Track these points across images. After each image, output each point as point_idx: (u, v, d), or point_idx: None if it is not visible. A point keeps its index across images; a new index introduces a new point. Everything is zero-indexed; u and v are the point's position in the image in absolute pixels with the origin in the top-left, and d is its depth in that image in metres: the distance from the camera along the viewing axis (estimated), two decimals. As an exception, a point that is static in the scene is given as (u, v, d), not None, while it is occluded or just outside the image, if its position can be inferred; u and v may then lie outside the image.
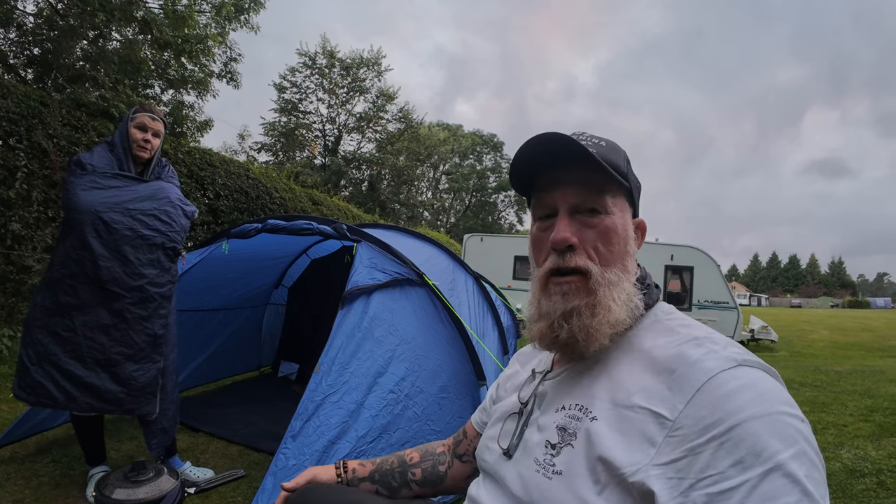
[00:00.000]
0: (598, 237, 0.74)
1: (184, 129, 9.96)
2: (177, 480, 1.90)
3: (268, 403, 3.65)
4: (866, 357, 9.16)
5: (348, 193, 23.62)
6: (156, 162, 2.30)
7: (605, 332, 0.71)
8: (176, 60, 8.43)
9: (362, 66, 23.01)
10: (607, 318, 0.71)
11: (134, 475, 1.82)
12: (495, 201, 38.03)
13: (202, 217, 5.90)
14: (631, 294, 0.75)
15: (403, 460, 1.07)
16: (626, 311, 0.73)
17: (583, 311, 0.72)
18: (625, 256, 0.76)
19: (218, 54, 9.47)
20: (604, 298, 0.72)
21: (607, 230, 0.74)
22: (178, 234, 2.24)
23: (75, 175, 2.09)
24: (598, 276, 0.73)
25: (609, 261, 0.74)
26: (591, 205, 0.75)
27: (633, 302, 0.74)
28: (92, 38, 7.61)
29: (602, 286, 0.72)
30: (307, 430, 1.95)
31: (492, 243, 11.88)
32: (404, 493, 1.04)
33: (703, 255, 10.02)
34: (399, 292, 2.51)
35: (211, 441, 2.92)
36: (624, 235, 0.76)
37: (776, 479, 0.51)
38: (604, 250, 0.74)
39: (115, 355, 2.05)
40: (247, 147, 23.08)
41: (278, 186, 7.74)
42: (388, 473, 1.05)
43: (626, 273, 0.76)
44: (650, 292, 0.80)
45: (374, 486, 1.04)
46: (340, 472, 1.04)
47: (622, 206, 0.78)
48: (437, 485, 1.05)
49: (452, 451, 1.08)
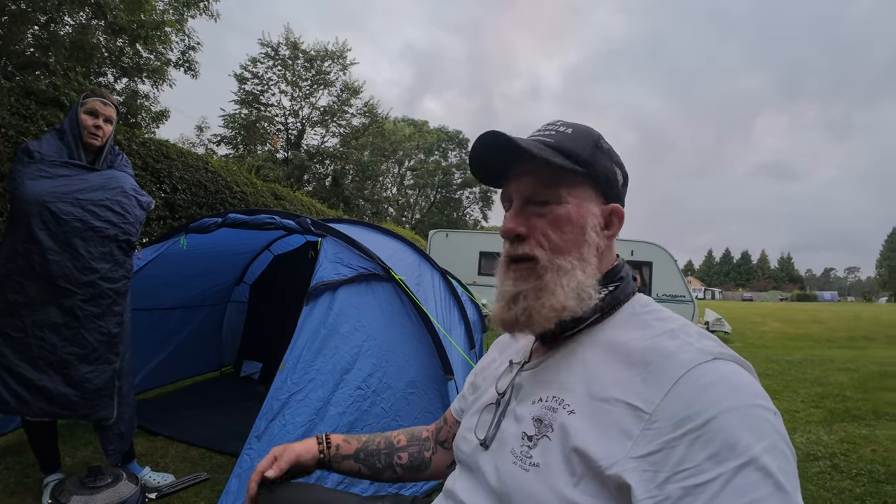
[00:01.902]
0: (548, 226, 0.76)
1: (138, 119, 9.52)
2: (136, 486, 1.82)
3: (230, 404, 3.55)
4: (815, 347, 9.67)
5: (311, 188, 23.21)
6: (108, 150, 2.18)
7: (547, 314, 0.73)
8: (131, 47, 8.05)
9: (327, 58, 22.61)
10: (550, 301, 0.73)
11: (91, 481, 1.74)
12: (460, 198, 38.20)
13: (158, 212, 5.65)
14: (584, 283, 0.74)
15: (391, 442, 1.06)
16: (575, 298, 0.73)
17: (529, 293, 0.75)
18: (580, 245, 0.76)
19: (175, 42, 9.10)
20: (550, 283, 0.74)
21: (558, 219, 0.76)
22: (133, 227, 2.12)
23: (23, 164, 1.97)
24: (545, 262, 0.75)
25: (561, 248, 0.75)
26: (542, 196, 0.77)
27: (586, 292, 0.74)
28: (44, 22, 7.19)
29: (549, 271, 0.74)
30: (272, 430, 1.91)
31: (457, 239, 11.93)
32: (387, 475, 1.03)
33: (661, 250, 10.34)
34: (365, 287, 2.48)
35: (170, 445, 2.82)
36: (580, 223, 0.76)
37: (750, 473, 0.52)
38: (555, 238, 0.75)
39: (68, 356, 1.94)
40: (205, 139, 22.35)
41: (239, 180, 7.52)
42: (374, 454, 1.03)
43: (581, 262, 0.75)
44: (623, 285, 0.80)
45: (357, 465, 1.02)
46: (323, 448, 1.01)
47: (581, 194, 0.77)
48: (421, 471, 1.05)
49: (435, 437, 1.08)
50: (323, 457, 1.00)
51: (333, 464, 1.01)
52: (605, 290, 0.77)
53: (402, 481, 1.05)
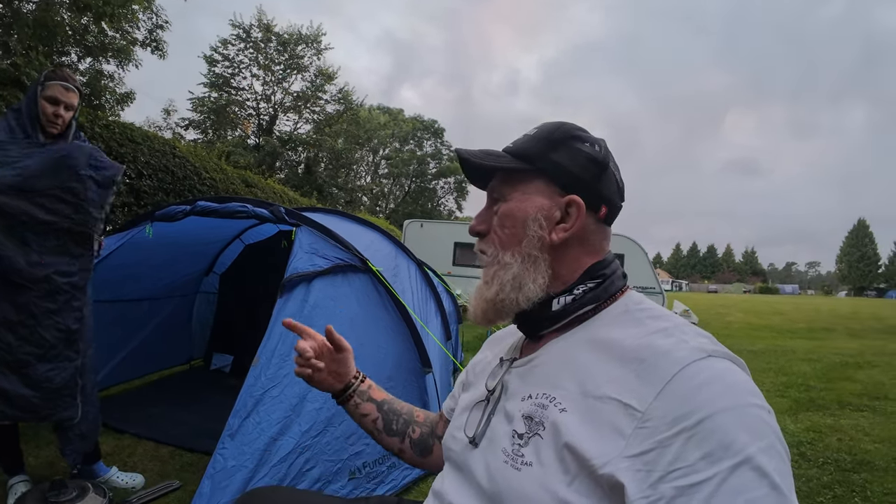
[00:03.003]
0: (497, 223, 0.81)
1: (102, 101, 9.13)
2: (104, 498, 1.72)
3: (200, 399, 3.45)
4: (777, 338, 10.00)
5: (284, 176, 22.75)
6: (72, 137, 2.04)
7: (483, 306, 0.80)
8: (96, 25, 7.68)
9: (300, 42, 22.11)
10: (485, 294, 0.79)
11: (54, 496, 1.62)
12: (435, 187, 38.08)
13: (122, 199, 5.39)
14: (520, 275, 0.77)
15: (412, 413, 1.08)
16: (513, 290, 0.76)
17: (480, 286, 0.81)
18: (521, 239, 0.78)
19: (143, 20, 8.72)
20: (491, 277, 0.79)
21: (501, 216, 0.81)
22: (89, 215, 1.94)
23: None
24: (490, 257, 0.81)
25: (505, 244, 0.79)
26: (493, 194, 0.84)
27: (526, 284, 0.76)
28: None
29: (492, 266, 0.80)
30: (246, 428, 1.84)
31: (432, 229, 11.86)
32: (395, 441, 1.04)
33: (633, 243, 10.51)
34: (341, 279, 2.42)
35: (138, 443, 2.71)
36: (521, 218, 0.78)
37: (745, 473, 0.51)
38: (500, 234, 0.80)
39: (25, 356, 1.82)
40: (173, 123, 21.64)
41: (208, 166, 7.26)
42: (395, 413, 1.05)
43: (523, 256, 0.77)
44: (608, 282, 0.77)
45: (377, 413, 1.04)
46: (358, 377, 1.05)
47: (532, 189, 0.79)
48: (425, 454, 1.05)
49: (432, 431, 1.07)
50: (353, 384, 1.03)
51: (357, 397, 1.03)
52: (583, 286, 0.76)
53: (401, 456, 1.05)
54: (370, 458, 2.15)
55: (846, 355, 6.67)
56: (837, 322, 13.62)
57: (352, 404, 1.03)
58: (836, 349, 7.56)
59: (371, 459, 2.15)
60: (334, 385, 1.03)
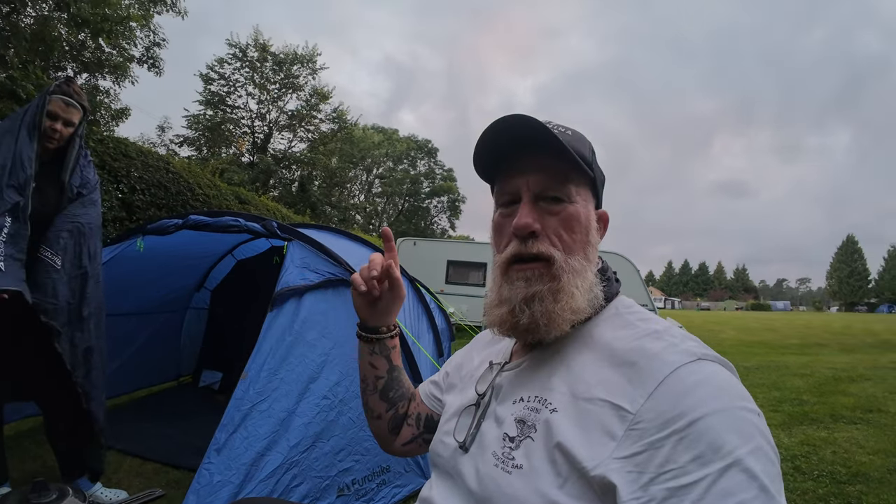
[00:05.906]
0: (560, 224, 0.73)
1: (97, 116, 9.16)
2: (83, 502, 1.69)
3: (188, 415, 3.40)
4: (770, 354, 9.99)
5: (277, 193, 22.81)
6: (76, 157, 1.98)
7: (567, 317, 0.70)
8: (93, 40, 7.76)
9: (296, 62, 22.35)
10: (570, 304, 0.70)
11: (35, 497, 1.59)
12: (428, 206, 38.27)
13: (114, 213, 5.38)
14: (592, 284, 0.74)
15: (413, 392, 1.04)
16: (587, 300, 0.72)
17: (545, 296, 0.70)
18: (586, 246, 0.75)
19: (140, 37, 8.82)
20: (567, 285, 0.71)
21: (570, 218, 0.73)
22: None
23: None
24: (561, 262, 0.71)
25: (572, 248, 0.73)
26: (554, 192, 0.73)
27: (593, 292, 0.74)
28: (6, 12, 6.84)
29: (566, 272, 0.71)
30: (233, 443, 1.81)
31: (425, 248, 11.89)
32: (381, 406, 0.99)
33: (625, 261, 10.56)
34: (332, 293, 2.41)
35: (124, 459, 2.66)
36: (586, 225, 0.75)
37: (735, 475, 0.51)
38: (566, 238, 0.73)
39: None
40: (167, 140, 21.72)
41: (202, 182, 7.28)
42: (399, 383, 1.00)
43: (588, 262, 0.74)
44: (610, 285, 0.79)
45: (385, 374, 0.98)
46: (396, 329, 0.98)
47: (585, 195, 0.77)
48: (392, 433, 1.01)
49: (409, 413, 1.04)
50: (384, 332, 0.96)
51: (377, 346, 0.96)
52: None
53: (377, 423, 1.00)
54: (359, 475, 2.12)
55: (839, 369, 6.67)
56: (829, 337, 13.67)
57: (368, 349, 0.97)
58: (829, 364, 7.56)
59: (360, 476, 2.12)
60: (368, 317, 0.95)
